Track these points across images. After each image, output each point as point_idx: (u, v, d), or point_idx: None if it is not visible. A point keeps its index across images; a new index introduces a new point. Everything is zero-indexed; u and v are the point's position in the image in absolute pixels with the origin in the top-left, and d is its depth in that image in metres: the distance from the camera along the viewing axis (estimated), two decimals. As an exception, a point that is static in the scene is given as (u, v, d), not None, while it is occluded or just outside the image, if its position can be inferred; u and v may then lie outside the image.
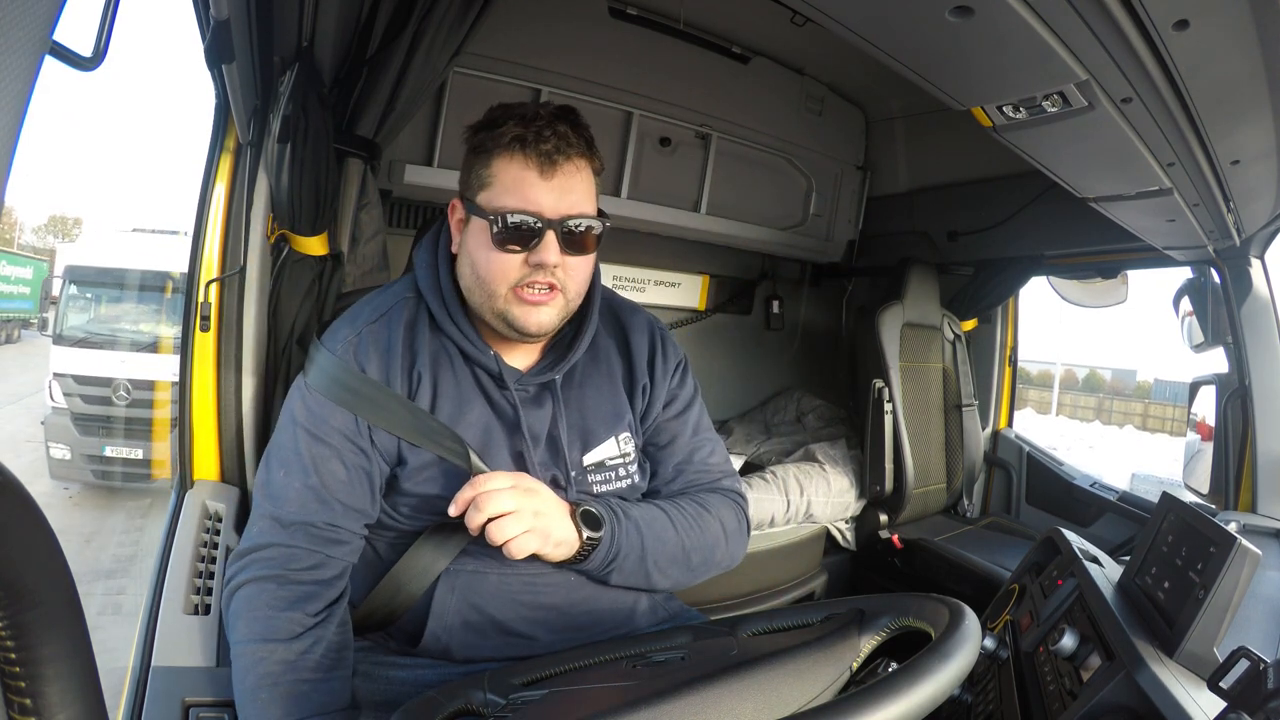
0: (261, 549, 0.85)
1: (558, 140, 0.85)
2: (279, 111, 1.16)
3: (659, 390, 1.04)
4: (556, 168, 0.85)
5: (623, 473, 0.99)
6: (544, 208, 0.84)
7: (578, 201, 0.86)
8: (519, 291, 0.86)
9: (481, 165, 0.88)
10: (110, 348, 6.16)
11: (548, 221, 0.84)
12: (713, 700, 0.58)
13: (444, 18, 1.39)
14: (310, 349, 0.95)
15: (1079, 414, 26.73)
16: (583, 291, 0.93)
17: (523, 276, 0.86)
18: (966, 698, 1.06)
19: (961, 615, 0.65)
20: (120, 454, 5.98)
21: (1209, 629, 0.87)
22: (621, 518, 0.91)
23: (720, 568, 1.04)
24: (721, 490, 1.06)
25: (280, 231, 1.31)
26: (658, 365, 1.04)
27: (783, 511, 2.10)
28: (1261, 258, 1.75)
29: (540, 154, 0.84)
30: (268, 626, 0.81)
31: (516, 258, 0.85)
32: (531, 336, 0.90)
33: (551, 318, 0.89)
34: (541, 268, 0.85)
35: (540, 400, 0.95)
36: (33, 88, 0.31)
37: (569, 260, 0.87)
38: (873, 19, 0.77)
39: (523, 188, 0.84)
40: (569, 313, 0.92)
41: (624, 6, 2.13)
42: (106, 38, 0.68)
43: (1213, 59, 0.78)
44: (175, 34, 20.87)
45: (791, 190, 2.73)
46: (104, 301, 6.54)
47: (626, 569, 0.93)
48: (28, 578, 0.36)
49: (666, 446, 1.05)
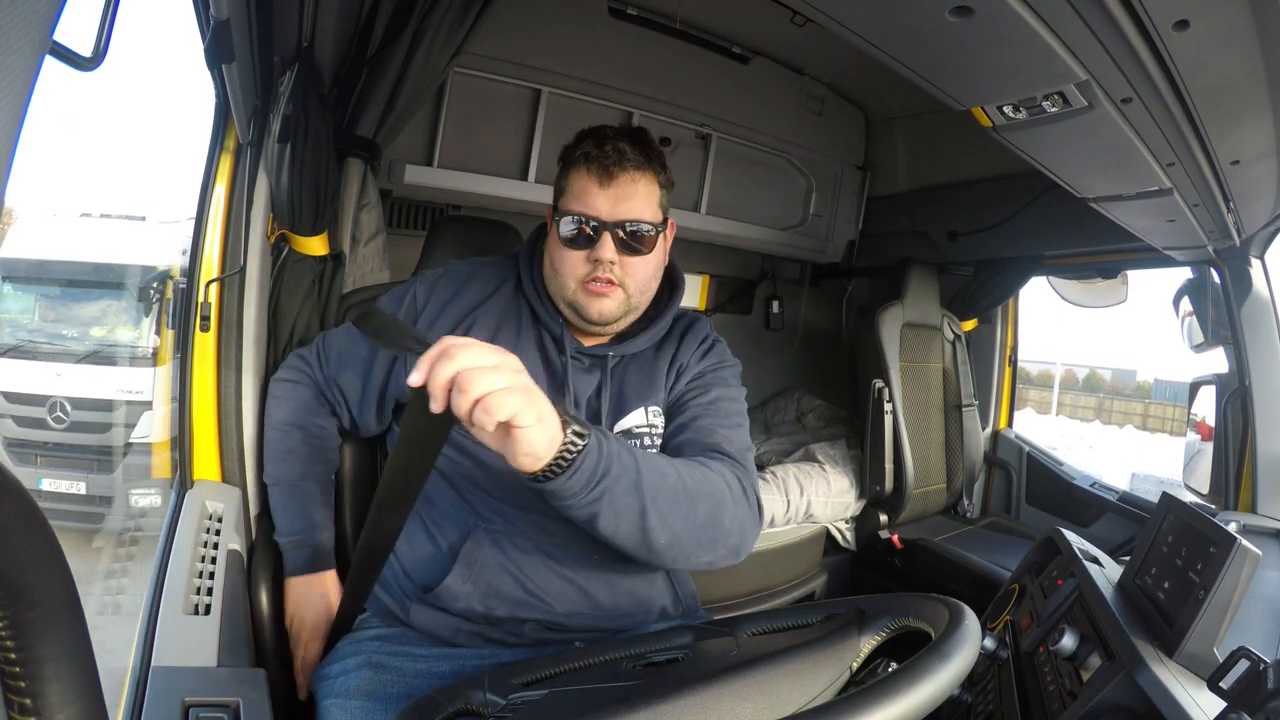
0: (308, 368, 1.15)
1: (617, 155, 0.97)
2: (279, 111, 1.16)
3: (690, 370, 1.09)
4: (614, 179, 0.96)
5: (648, 442, 1.05)
6: (601, 212, 0.96)
7: (633, 208, 0.97)
8: (587, 285, 0.98)
9: (563, 177, 1.01)
10: (47, 359, 4.92)
11: (603, 224, 0.96)
12: (713, 700, 0.59)
13: (444, 18, 1.39)
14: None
15: (1079, 414, 26.70)
16: (646, 289, 1.02)
17: (586, 273, 0.98)
18: (966, 698, 1.06)
19: (961, 615, 0.65)
20: (58, 488, 4.79)
21: (1209, 629, 0.87)
22: (610, 437, 0.80)
23: (730, 542, 0.92)
24: (726, 456, 0.99)
25: (280, 231, 1.31)
26: (696, 350, 1.10)
27: (783, 511, 2.10)
28: (1261, 258, 1.75)
29: (601, 167, 0.97)
30: (301, 416, 1.13)
31: (580, 254, 0.98)
32: (595, 324, 1.00)
33: (612, 308, 0.99)
34: (599, 263, 0.97)
35: (591, 371, 1.04)
36: (33, 88, 0.31)
37: (626, 259, 0.98)
38: (873, 19, 0.77)
39: (585, 196, 0.97)
40: (632, 307, 1.02)
41: (624, 6, 2.13)
42: (106, 38, 0.68)
43: (1213, 59, 0.78)
44: (176, 34, 20.94)
45: (791, 190, 2.73)
46: (39, 301, 5.12)
47: (618, 501, 0.79)
48: (28, 578, 0.36)
49: (683, 417, 1.05)
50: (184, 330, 1.25)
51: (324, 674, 0.95)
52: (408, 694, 0.87)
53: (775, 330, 3.07)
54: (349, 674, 0.91)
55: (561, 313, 1.03)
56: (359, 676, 0.90)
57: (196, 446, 1.24)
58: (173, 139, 28.87)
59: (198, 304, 1.24)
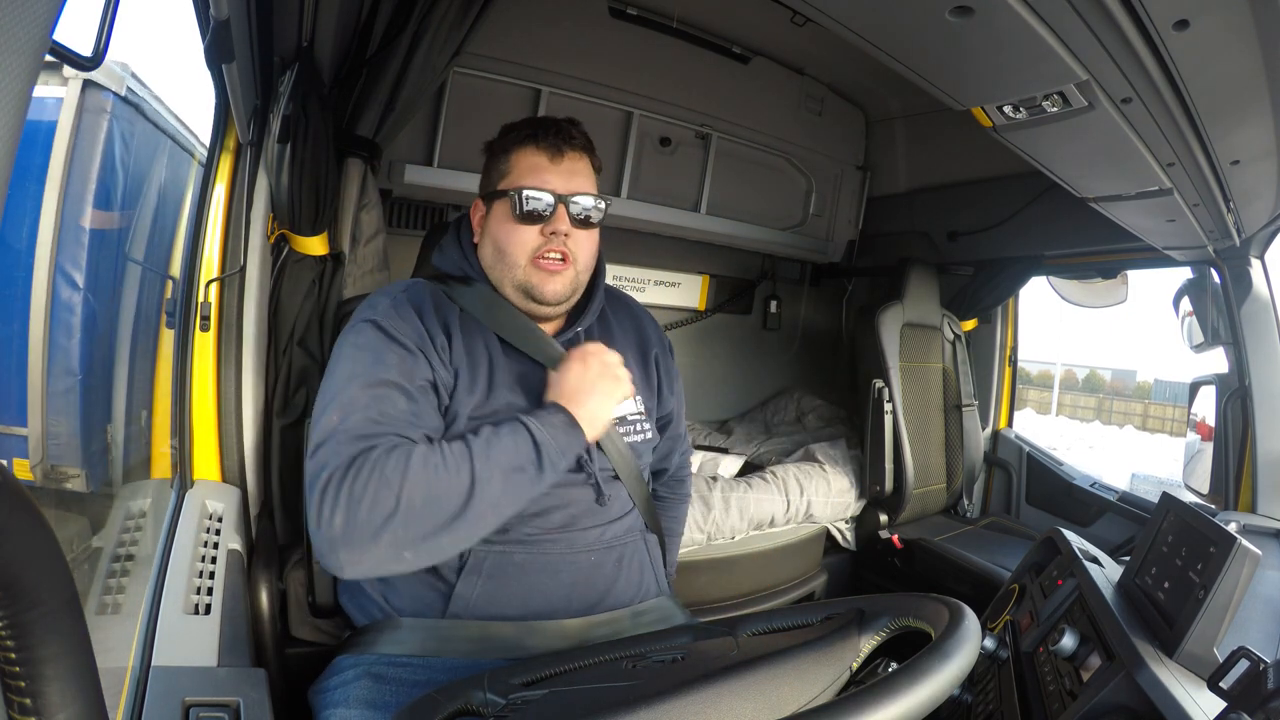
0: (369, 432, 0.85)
1: (562, 134, 1.01)
2: (279, 111, 1.16)
3: (665, 364, 1.19)
4: (563, 155, 1.00)
5: (640, 428, 1.11)
6: (556, 186, 0.99)
7: (584, 183, 1.02)
8: (537, 261, 0.99)
9: (501, 162, 1.03)
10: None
11: (559, 197, 0.99)
12: (712, 700, 0.58)
13: (444, 18, 1.39)
14: (358, 311, 0.98)
15: (1079, 414, 26.72)
16: (589, 266, 1.05)
17: (539, 245, 0.99)
18: (966, 698, 1.06)
19: (961, 615, 0.65)
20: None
21: (1209, 629, 0.87)
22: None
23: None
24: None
25: (280, 231, 1.31)
26: (661, 341, 1.21)
27: (783, 511, 2.10)
28: (1261, 258, 1.75)
29: (549, 145, 1.00)
30: (417, 475, 0.82)
31: (534, 229, 0.99)
32: (548, 304, 1.01)
33: (564, 285, 1.01)
34: (555, 236, 0.98)
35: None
36: (33, 88, 0.31)
37: (577, 233, 1.00)
38: (873, 19, 0.78)
39: (537, 171, 1.00)
40: (579, 285, 1.04)
41: (624, 6, 2.13)
42: (106, 38, 0.68)
43: (1213, 59, 0.78)
44: (175, 34, 20.67)
45: (791, 190, 2.73)
46: None
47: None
48: (28, 578, 0.36)
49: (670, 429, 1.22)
50: (184, 330, 1.25)
51: (323, 687, 0.95)
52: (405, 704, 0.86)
53: (775, 330, 3.07)
54: (348, 685, 0.91)
55: (509, 299, 1.02)
56: (358, 687, 0.89)
57: (196, 446, 1.24)
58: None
59: (198, 304, 1.24)
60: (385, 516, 0.79)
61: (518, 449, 0.88)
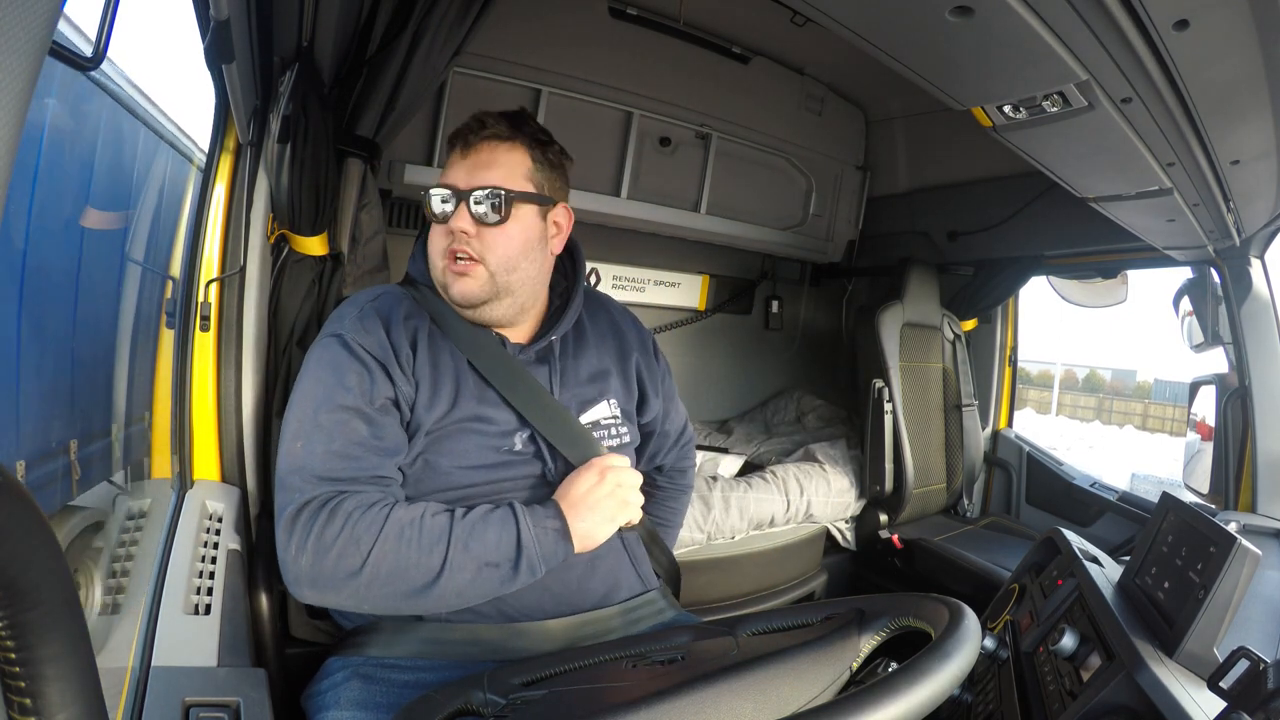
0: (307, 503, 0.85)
1: (478, 125, 0.96)
2: (279, 111, 1.16)
3: (648, 367, 1.16)
4: (472, 148, 0.96)
5: (614, 433, 1.08)
6: (458, 181, 0.95)
7: (490, 176, 0.95)
8: (449, 262, 0.96)
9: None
10: None
11: (459, 193, 0.95)
12: (712, 700, 0.59)
13: (444, 18, 1.39)
14: (328, 323, 0.99)
15: (1079, 414, 26.73)
16: (512, 267, 0.97)
17: (447, 245, 0.96)
18: (966, 698, 1.06)
19: (961, 615, 0.65)
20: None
21: (1209, 629, 0.87)
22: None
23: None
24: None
25: (280, 231, 1.31)
26: (643, 343, 1.18)
27: (783, 511, 2.10)
28: (1261, 258, 1.75)
29: (463, 139, 0.97)
30: (388, 540, 0.83)
31: (443, 228, 0.96)
32: (461, 306, 0.98)
33: (474, 287, 0.96)
34: (455, 235, 0.94)
35: (538, 368, 1.03)
36: (33, 88, 0.31)
37: (484, 231, 0.95)
38: (873, 19, 0.77)
39: (449, 168, 0.97)
40: (500, 289, 0.98)
41: (624, 6, 2.13)
42: (106, 38, 0.69)
43: (1213, 59, 0.78)
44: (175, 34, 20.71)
45: (791, 190, 2.73)
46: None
47: None
48: (28, 578, 0.36)
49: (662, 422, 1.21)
50: (184, 330, 1.25)
51: (314, 690, 0.95)
52: (397, 704, 0.86)
53: (775, 330, 3.07)
54: (338, 687, 0.91)
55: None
56: (349, 688, 0.90)
57: (196, 446, 1.24)
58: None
59: (198, 304, 1.24)
60: (349, 573, 0.82)
61: (500, 545, 0.86)
